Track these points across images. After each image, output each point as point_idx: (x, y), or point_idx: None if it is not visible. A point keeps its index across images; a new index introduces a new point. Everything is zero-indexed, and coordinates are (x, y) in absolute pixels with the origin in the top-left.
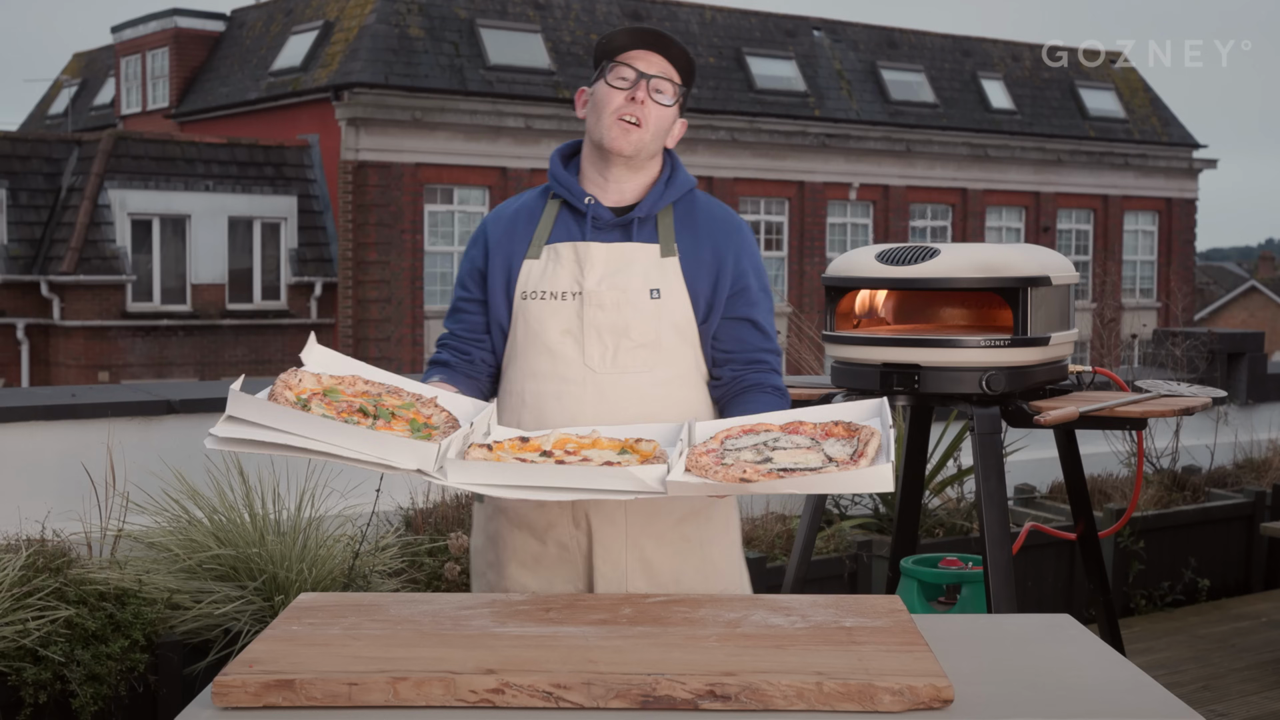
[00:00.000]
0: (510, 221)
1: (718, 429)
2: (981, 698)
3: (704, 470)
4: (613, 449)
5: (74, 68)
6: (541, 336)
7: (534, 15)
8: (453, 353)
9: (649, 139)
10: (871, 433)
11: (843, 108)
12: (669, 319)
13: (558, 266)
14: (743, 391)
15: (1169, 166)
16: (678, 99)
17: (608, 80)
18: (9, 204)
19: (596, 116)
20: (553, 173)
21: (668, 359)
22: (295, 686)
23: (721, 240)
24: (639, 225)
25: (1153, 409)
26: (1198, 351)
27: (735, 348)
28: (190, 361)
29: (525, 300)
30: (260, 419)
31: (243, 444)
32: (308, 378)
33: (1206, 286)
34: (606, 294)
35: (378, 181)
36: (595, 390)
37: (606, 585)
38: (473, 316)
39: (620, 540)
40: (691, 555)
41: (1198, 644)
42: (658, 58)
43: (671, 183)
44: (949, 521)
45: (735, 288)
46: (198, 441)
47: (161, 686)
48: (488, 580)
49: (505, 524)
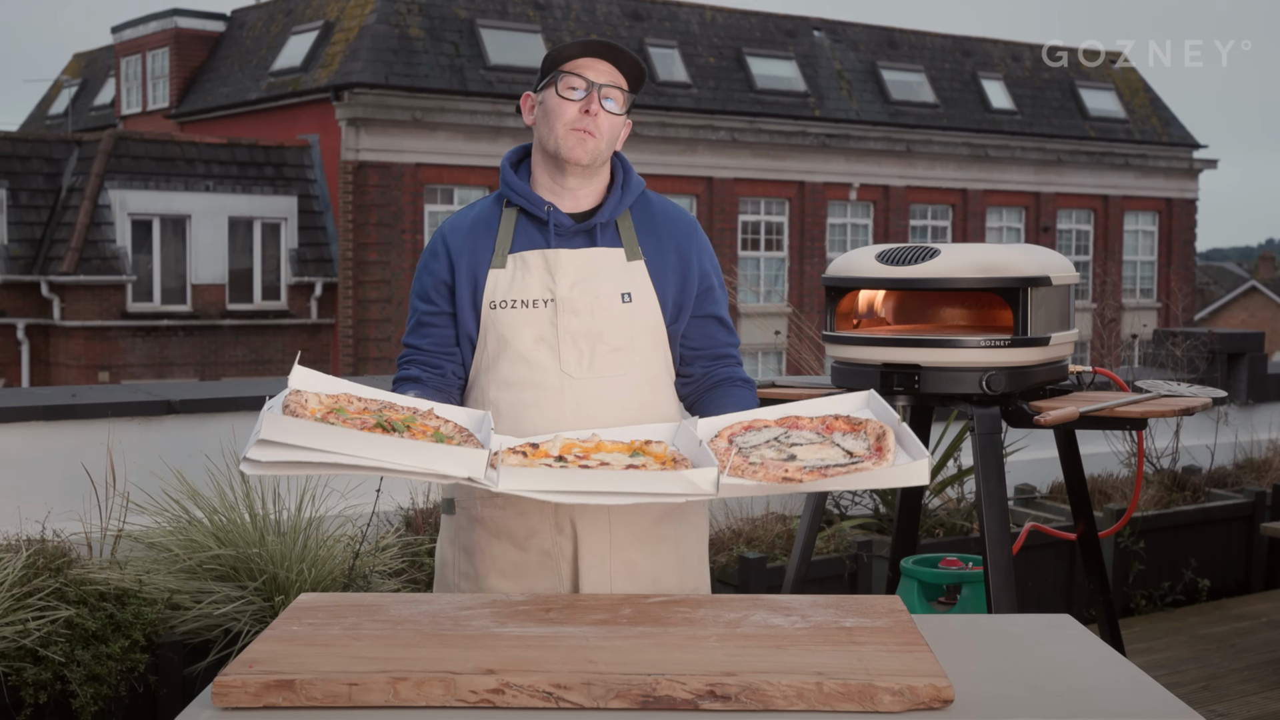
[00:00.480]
0: (470, 231)
1: (719, 427)
2: (981, 698)
3: (739, 471)
4: (620, 451)
5: (74, 68)
6: (515, 345)
7: (534, 15)
8: (422, 368)
9: (604, 147)
10: (880, 427)
11: (843, 108)
12: (640, 322)
13: (526, 275)
14: (714, 386)
15: (1169, 166)
16: (626, 106)
17: (559, 91)
18: (9, 204)
19: (549, 126)
20: (506, 181)
21: (641, 362)
22: (295, 687)
23: (684, 243)
24: (601, 230)
25: (1153, 409)
26: (1198, 352)
27: (704, 344)
28: (190, 362)
29: (495, 310)
30: (299, 440)
31: (285, 466)
32: (311, 398)
33: (1206, 286)
34: (580, 300)
35: (378, 181)
36: (572, 396)
37: (592, 589)
38: (441, 330)
39: (605, 543)
40: (668, 554)
41: (1198, 644)
42: (607, 66)
43: (626, 187)
44: (949, 521)
45: (701, 287)
46: (198, 441)
47: (161, 686)
48: (461, 591)
49: (483, 534)
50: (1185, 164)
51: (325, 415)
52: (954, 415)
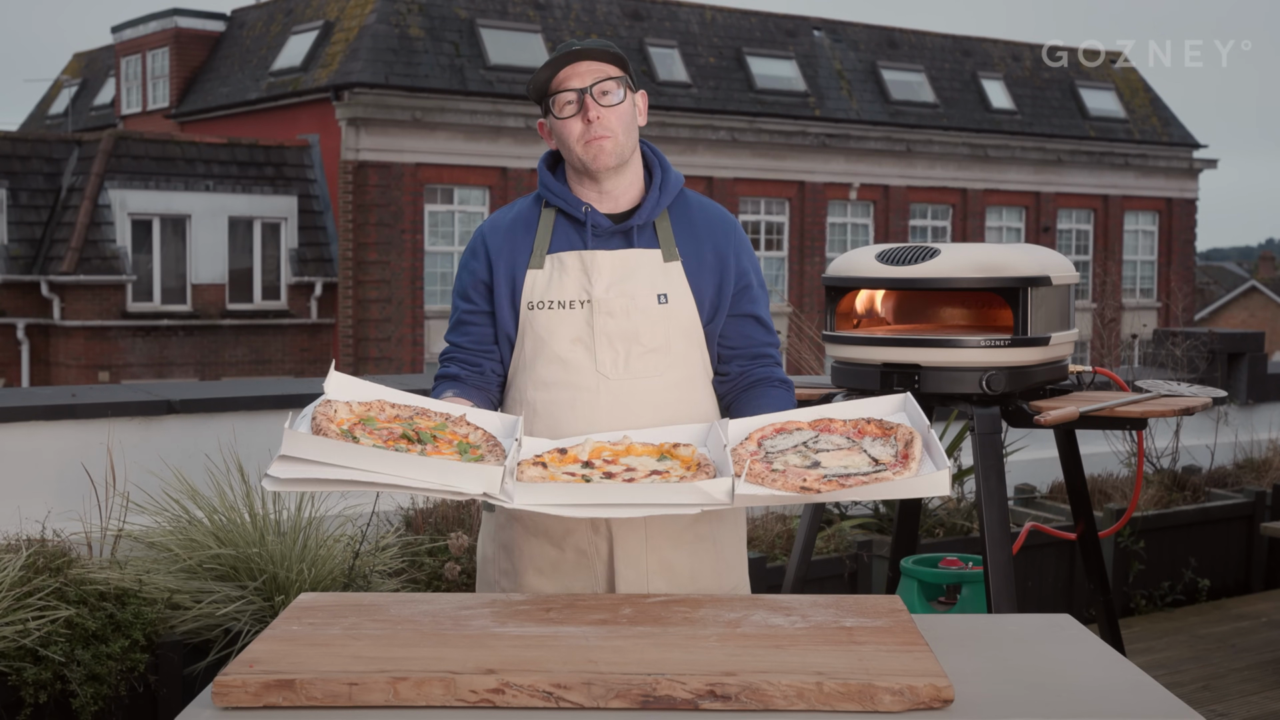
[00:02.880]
0: (508, 231)
1: (750, 429)
2: (981, 698)
3: (759, 478)
4: (649, 454)
5: (74, 68)
6: (551, 345)
7: (534, 15)
8: (462, 366)
9: (624, 139)
10: (910, 433)
11: (843, 108)
12: (677, 323)
13: (563, 275)
14: (751, 386)
15: (1169, 166)
16: (625, 86)
17: (556, 115)
18: (9, 204)
19: (565, 147)
20: (544, 182)
21: (677, 362)
22: (295, 686)
23: (721, 242)
24: (639, 232)
25: (1153, 409)
26: (1198, 351)
27: (741, 344)
28: (190, 361)
29: (533, 310)
30: (319, 456)
31: (304, 483)
32: (341, 408)
33: (1206, 286)
34: (615, 301)
35: (378, 181)
36: (609, 397)
37: (628, 589)
38: (480, 328)
39: (641, 544)
40: (706, 554)
41: (1198, 644)
42: (584, 66)
43: (664, 186)
44: (949, 521)
45: (738, 286)
46: (198, 441)
47: (161, 686)
48: (501, 588)
49: (521, 531)
50: (1185, 164)
51: (353, 426)
52: (954, 415)
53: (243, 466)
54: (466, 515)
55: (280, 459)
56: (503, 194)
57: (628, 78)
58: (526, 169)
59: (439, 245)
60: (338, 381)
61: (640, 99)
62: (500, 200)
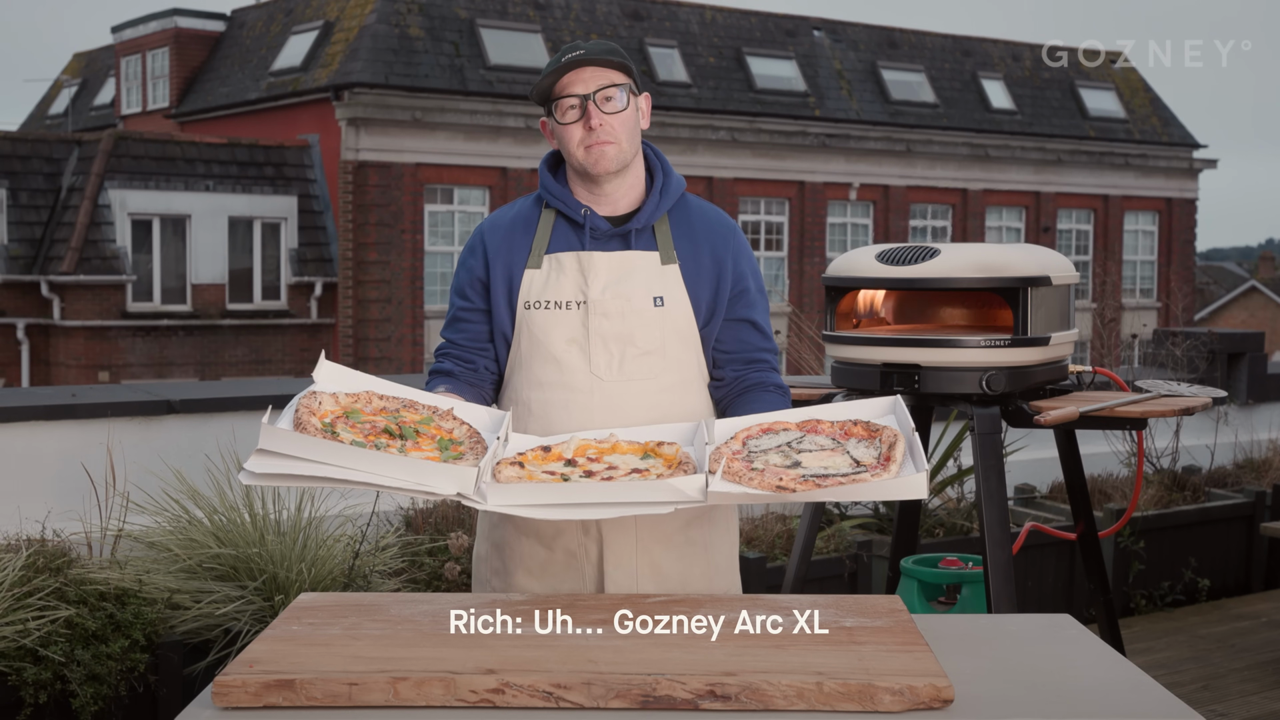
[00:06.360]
0: (508, 230)
1: (737, 428)
2: (981, 698)
3: (737, 476)
4: (634, 452)
5: (74, 68)
6: (546, 345)
7: (534, 15)
8: (456, 362)
9: (625, 145)
10: (894, 435)
11: (843, 108)
12: (672, 326)
13: (560, 276)
14: (745, 390)
15: (1169, 166)
16: (628, 91)
17: (558, 120)
18: (9, 204)
19: (566, 150)
20: (544, 184)
21: (672, 365)
22: (295, 686)
23: (719, 245)
24: (637, 234)
25: (1153, 409)
26: (1198, 351)
27: (736, 348)
28: (190, 361)
29: (529, 310)
30: (295, 451)
31: (279, 478)
32: (326, 400)
33: (1206, 286)
34: (611, 303)
35: (378, 181)
36: (603, 398)
37: (617, 591)
38: (475, 326)
39: (631, 546)
40: (697, 558)
41: (1198, 644)
42: (588, 71)
43: (665, 190)
44: (949, 521)
45: (735, 290)
46: (198, 441)
47: (161, 686)
48: (492, 587)
49: (512, 531)
50: (1185, 164)
51: (336, 419)
52: (954, 415)
53: (243, 466)
54: (466, 515)
55: (258, 453)
56: (503, 194)
57: (631, 82)
58: (526, 169)
59: (439, 245)
60: (328, 371)
61: (644, 102)
62: (500, 200)
